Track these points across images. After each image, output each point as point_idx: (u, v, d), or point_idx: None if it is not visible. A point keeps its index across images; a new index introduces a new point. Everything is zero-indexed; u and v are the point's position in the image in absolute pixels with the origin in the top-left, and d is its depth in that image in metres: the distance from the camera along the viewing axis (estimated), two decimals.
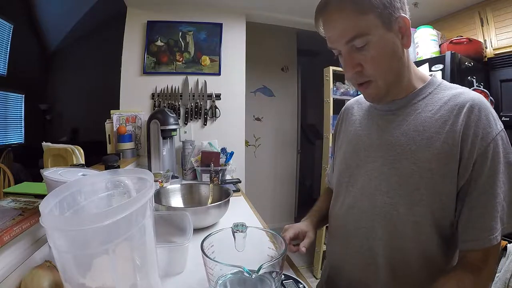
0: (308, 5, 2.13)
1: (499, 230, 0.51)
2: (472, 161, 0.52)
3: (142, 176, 0.59)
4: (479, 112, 0.53)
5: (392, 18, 0.53)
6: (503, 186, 0.51)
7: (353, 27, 0.53)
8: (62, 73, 3.95)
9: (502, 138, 0.53)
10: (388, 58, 0.56)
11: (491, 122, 0.52)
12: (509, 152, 0.53)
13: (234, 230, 0.64)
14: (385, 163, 0.60)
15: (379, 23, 0.53)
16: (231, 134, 2.25)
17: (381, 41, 0.54)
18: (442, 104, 0.57)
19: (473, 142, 0.52)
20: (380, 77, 0.57)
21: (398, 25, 0.54)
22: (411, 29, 0.55)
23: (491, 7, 1.75)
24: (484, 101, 0.54)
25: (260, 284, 0.55)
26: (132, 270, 0.52)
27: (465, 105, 0.54)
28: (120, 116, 2.01)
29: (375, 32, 0.53)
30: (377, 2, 0.52)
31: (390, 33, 0.54)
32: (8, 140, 3.49)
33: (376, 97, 0.62)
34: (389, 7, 0.53)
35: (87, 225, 0.41)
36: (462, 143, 0.53)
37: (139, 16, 2.10)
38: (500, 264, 1.26)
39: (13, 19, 3.24)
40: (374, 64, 0.55)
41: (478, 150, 0.52)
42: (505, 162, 0.52)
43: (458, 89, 0.59)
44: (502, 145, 0.52)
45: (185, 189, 1.28)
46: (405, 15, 0.55)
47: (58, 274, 0.56)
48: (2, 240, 0.60)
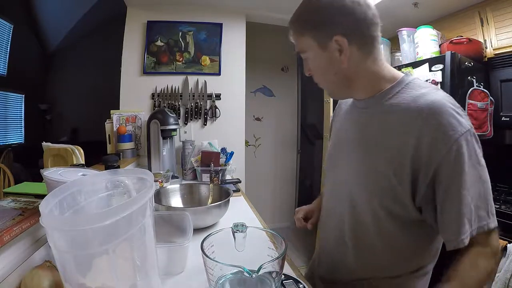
0: None
1: (467, 231, 0.52)
2: (434, 166, 0.53)
3: (142, 176, 0.59)
4: (439, 115, 0.53)
5: (328, 39, 0.60)
6: (470, 188, 0.52)
7: (297, 44, 0.66)
8: (62, 73, 3.95)
9: (467, 139, 0.52)
10: (323, 72, 0.65)
11: (453, 125, 0.52)
12: (476, 152, 0.53)
13: (234, 230, 0.64)
14: (356, 156, 0.67)
15: (314, 44, 0.62)
16: (231, 134, 2.25)
17: (316, 58, 0.64)
18: (406, 105, 0.59)
19: (433, 147, 0.53)
20: (322, 84, 0.69)
21: (334, 45, 0.60)
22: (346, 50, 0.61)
23: (491, 7, 1.75)
24: (445, 104, 0.54)
25: (260, 284, 0.55)
26: (132, 270, 0.52)
27: (426, 109, 0.55)
28: (120, 116, 2.01)
29: (311, 51, 0.63)
30: (310, 26, 0.61)
31: (325, 52, 0.61)
32: (8, 140, 3.49)
33: (331, 96, 0.74)
34: (324, 31, 0.60)
35: (87, 225, 0.41)
36: (419, 151, 0.54)
37: (139, 16, 2.10)
38: (500, 264, 1.26)
39: (13, 19, 3.24)
40: (314, 74, 0.67)
41: (439, 155, 0.52)
42: (471, 164, 0.52)
43: (423, 89, 0.60)
44: (467, 146, 0.52)
45: (185, 189, 1.28)
46: (345, 36, 0.59)
47: (58, 274, 0.56)
48: (2, 240, 0.60)
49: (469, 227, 0.52)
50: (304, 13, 0.63)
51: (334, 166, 0.76)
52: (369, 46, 0.62)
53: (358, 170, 0.65)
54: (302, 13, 0.63)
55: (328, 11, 0.59)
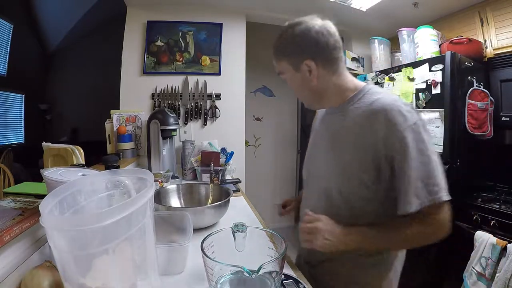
0: (308, 5, 2.14)
1: (415, 203, 0.64)
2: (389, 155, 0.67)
3: (142, 176, 0.59)
4: (388, 115, 0.67)
5: (300, 63, 0.76)
6: (416, 169, 0.64)
7: (277, 67, 0.82)
8: (62, 73, 3.95)
9: (413, 130, 0.65)
10: (298, 89, 0.82)
11: (400, 121, 0.66)
12: (422, 141, 0.66)
13: (234, 230, 0.65)
14: (328, 153, 0.81)
15: (290, 67, 0.78)
16: (231, 134, 2.25)
17: (292, 78, 0.80)
18: (364, 109, 0.73)
19: (386, 140, 0.67)
20: (300, 98, 0.88)
21: (305, 67, 0.75)
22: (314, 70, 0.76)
23: (491, 7, 1.75)
24: (393, 104, 0.68)
25: (260, 284, 0.55)
26: (132, 270, 0.52)
27: (379, 110, 0.69)
28: (120, 116, 2.01)
29: (288, 72, 0.80)
30: (286, 54, 0.78)
31: (298, 73, 0.77)
32: (8, 140, 3.49)
33: (309, 107, 0.87)
34: (296, 57, 0.76)
35: (87, 225, 0.41)
36: (377, 143, 0.68)
37: (139, 16, 2.10)
38: (500, 264, 1.26)
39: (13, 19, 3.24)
40: (294, 92, 0.84)
41: (391, 146, 0.66)
42: (417, 150, 0.65)
43: (378, 95, 0.73)
44: (414, 136, 0.65)
45: (185, 189, 1.28)
46: (313, 60, 0.74)
47: (58, 274, 0.56)
48: (2, 240, 0.60)
49: (416, 199, 0.64)
50: (280, 44, 0.79)
51: (311, 162, 0.91)
52: (333, 65, 0.77)
53: (330, 164, 0.79)
54: (279, 44, 0.79)
55: (298, 42, 0.75)
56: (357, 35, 2.60)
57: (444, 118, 1.58)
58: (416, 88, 1.76)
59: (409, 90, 1.78)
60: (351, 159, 0.72)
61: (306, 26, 0.75)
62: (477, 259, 1.35)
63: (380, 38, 2.28)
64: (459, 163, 1.57)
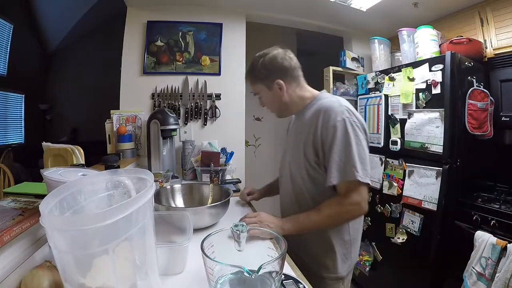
0: (308, 5, 2.14)
1: (335, 177, 0.85)
2: (324, 143, 0.89)
3: (142, 176, 0.59)
4: (324, 114, 0.90)
5: (271, 83, 0.98)
6: (338, 152, 0.86)
7: (253, 89, 1.05)
8: (62, 73, 3.95)
9: (341, 124, 0.86)
10: (272, 104, 1.04)
11: (331, 118, 0.88)
12: (346, 132, 0.86)
13: (234, 230, 0.64)
14: (292, 147, 1.03)
15: (264, 87, 1.01)
16: (231, 134, 2.25)
17: (266, 96, 1.03)
18: (313, 111, 0.96)
19: (321, 132, 0.89)
20: (273, 111, 1.09)
21: (276, 86, 0.98)
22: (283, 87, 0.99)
23: (491, 7, 1.75)
24: (330, 106, 0.90)
25: (260, 284, 0.55)
26: (132, 270, 0.52)
27: (319, 110, 0.92)
28: (120, 116, 2.01)
29: (263, 92, 1.03)
30: (260, 78, 1.00)
31: (271, 91, 1.00)
32: (8, 140, 3.49)
33: (280, 117, 1.09)
34: (268, 78, 0.98)
35: (87, 225, 0.41)
36: (316, 134, 0.90)
37: (139, 16, 2.10)
38: (500, 264, 1.26)
39: (13, 19, 3.24)
40: (267, 106, 1.07)
41: (325, 136, 0.88)
42: (342, 139, 0.86)
43: (325, 99, 0.96)
44: (341, 128, 0.86)
45: (185, 189, 1.28)
46: (281, 79, 0.97)
47: (58, 274, 0.56)
48: (2, 240, 0.60)
49: (337, 174, 0.85)
50: (254, 71, 1.01)
51: (283, 156, 1.13)
52: (296, 81, 1.01)
53: (292, 154, 1.02)
54: (253, 71, 1.01)
55: (269, 67, 0.98)
56: (357, 35, 2.60)
57: (444, 118, 1.58)
58: (416, 88, 1.76)
59: (409, 90, 1.78)
60: (303, 148, 0.95)
61: (273, 55, 0.98)
62: (477, 259, 1.35)
63: (380, 38, 2.28)
64: (459, 163, 1.57)
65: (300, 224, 0.91)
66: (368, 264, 2.03)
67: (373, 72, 2.15)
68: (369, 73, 2.21)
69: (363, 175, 0.84)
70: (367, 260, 2.04)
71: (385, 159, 1.96)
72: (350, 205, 0.86)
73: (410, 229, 1.73)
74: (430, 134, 1.65)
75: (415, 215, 1.70)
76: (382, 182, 1.95)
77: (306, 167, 0.94)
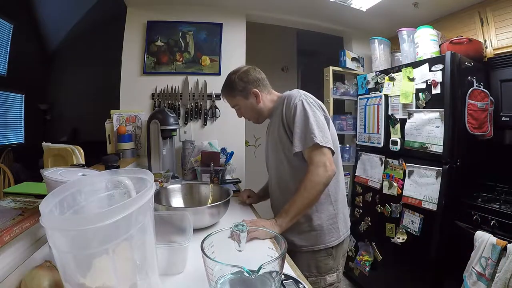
0: (308, 5, 2.14)
1: (299, 145, 0.99)
2: (289, 121, 1.04)
3: (142, 176, 0.59)
4: (286, 99, 1.08)
5: (248, 93, 1.15)
6: (299, 125, 1.00)
7: (231, 102, 1.22)
8: (62, 73, 3.95)
9: (298, 104, 1.02)
10: (250, 112, 1.20)
11: (291, 101, 1.05)
12: (304, 109, 1.01)
13: (234, 230, 0.64)
14: (270, 143, 1.18)
15: (242, 98, 1.17)
16: (231, 134, 2.25)
17: (245, 106, 1.18)
18: (279, 103, 1.13)
19: (286, 114, 1.06)
20: (250, 119, 1.24)
21: (252, 95, 1.15)
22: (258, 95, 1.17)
23: (491, 7, 1.75)
24: (289, 94, 1.10)
25: (260, 284, 0.55)
26: (132, 270, 0.52)
27: (284, 99, 1.10)
28: (120, 116, 2.01)
29: (241, 103, 1.18)
30: (237, 90, 1.15)
31: (248, 100, 1.16)
32: (8, 140, 3.49)
33: (257, 123, 1.25)
34: (245, 90, 1.15)
35: (87, 225, 0.41)
36: (283, 117, 1.07)
37: (139, 16, 2.10)
38: (500, 264, 1.26)
39: (13, 19, 3.24)
40: (245, 115, 1.23)
41: (288, 117, 1.05)
42: (301, 116, 1.01)
43: (288, 92, 1.13)
44: (299, 107, 1.02)
45: (185, 189, 1.28)
46: (256, 88, 1.15)
47: (58, 274, 0.56)
48: (2, 240, 0.60)
49: (299, 143, 0.99)
50: (232, 84, 1.16)
51: (266, 155, 1.26)
52: (267, 88, 1.19)
53: (271, 146, 1.17)
54: (230, 85, 1.17)
55: (245, 79, 1.15)
56: (357, 35, 2.60)
57: (444, 118, 1.58)
58: (416, 88, 1.76)
59: (409, 90, 1.79)
60: (278, 134, 1.10)
61: (245, 69, 1.18)
62: (477, 259, 1.35)
63: (380, 38, 2.28)
64: (459, 163, 1.57)
65: (289, 212, 0.96)
66: (368, 264, 2.03)
67: (373, 72, 2.15)
68: (369, 73, 2.21)
69: (322, 140, 0.96)
70: (367, 260, 2.04)
71: (385, 159, 1.96)
72: (317, 168, 0.95)
73: (410, 229, 1.73)
74: (430, 134, 1.65)
75: (415, 215, 1.70)
76: (382, 182, 1.95)
77: (284, 152, 1.08)
